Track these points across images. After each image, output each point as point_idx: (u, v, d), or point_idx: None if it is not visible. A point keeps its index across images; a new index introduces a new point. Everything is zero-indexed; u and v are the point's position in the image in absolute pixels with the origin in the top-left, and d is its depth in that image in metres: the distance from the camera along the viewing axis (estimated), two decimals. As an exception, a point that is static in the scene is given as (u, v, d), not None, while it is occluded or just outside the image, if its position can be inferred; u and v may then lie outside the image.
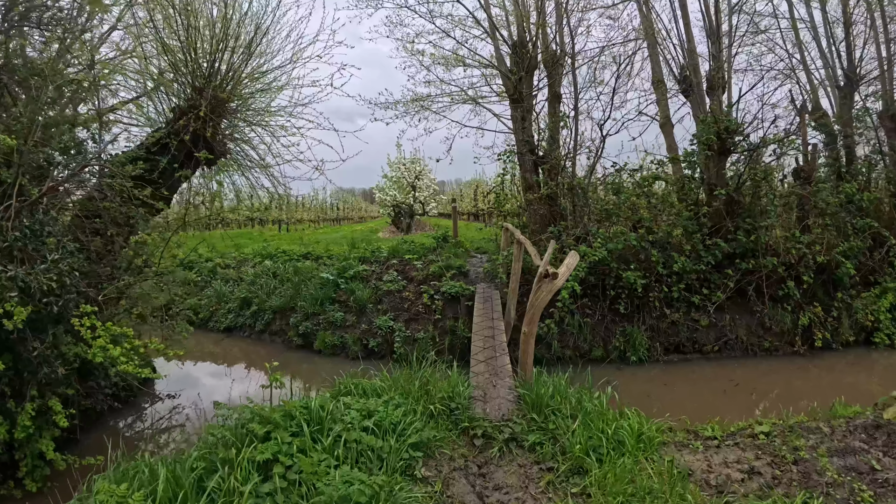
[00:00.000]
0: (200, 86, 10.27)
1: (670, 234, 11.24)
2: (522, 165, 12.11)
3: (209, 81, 10.31)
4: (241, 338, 13.73)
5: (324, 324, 12.14)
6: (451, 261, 12.95)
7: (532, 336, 5.97)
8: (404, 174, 26.34)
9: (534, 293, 5.52)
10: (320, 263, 15.01)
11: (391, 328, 11.35)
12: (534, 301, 5.50)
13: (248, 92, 11.42)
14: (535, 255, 6.14)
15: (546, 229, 11.37)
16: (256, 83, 11.45)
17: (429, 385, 5.70)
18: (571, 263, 5.22)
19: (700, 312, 11.64)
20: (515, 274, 8.59)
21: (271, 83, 11.63)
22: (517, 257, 8.47)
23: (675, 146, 14.37)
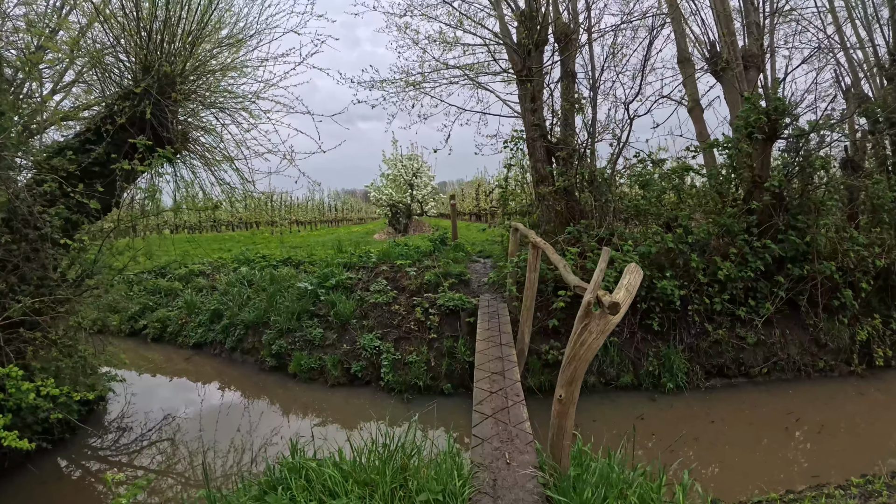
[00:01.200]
0: (145, 61, 8.54)
1: (710, 234, 9.34)
2: (533, 154, 10.24)
3: (156, 55, 8.57)
4: (211, 356, 11.97)
5: (300, 342, 10.32)
6: (450, 267, 11.08)
7: (572, 404, 3.97)
8: (401, 171, 24.45)
9: (576, 335, 3.43)
10: (301, 270, 13.13)
11: (378, 349, 9.49)
12: (576, 349, 3.51)
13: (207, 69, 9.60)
14: (563, 267, 4.28)
15: (563, 229, 9.49)
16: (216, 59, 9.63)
17: (408, 473, 3.71)
18: (633, 283, 3.28)
19: (746, 328, 9.81)
20: (530, 286, 6.68)
21: (235, 60, 9.83)
22: (532, 265, 6.58)
23: (706, 133, 12.52)
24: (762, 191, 10.19)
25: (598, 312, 3.20)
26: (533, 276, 6.57)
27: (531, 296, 6.66)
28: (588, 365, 3.61)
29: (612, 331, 6.87)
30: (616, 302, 2.96)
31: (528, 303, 6.76)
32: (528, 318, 6.82)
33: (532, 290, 6.63)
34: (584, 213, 9.43)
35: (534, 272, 6.55)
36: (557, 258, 4.57)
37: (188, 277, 15.61)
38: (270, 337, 10.72)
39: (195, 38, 8.84)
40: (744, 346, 9.66)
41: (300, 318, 10.81)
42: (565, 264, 4.30)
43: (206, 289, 14.31)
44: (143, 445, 7.85)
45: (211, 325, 12.40)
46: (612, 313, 3.00)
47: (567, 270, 4.09)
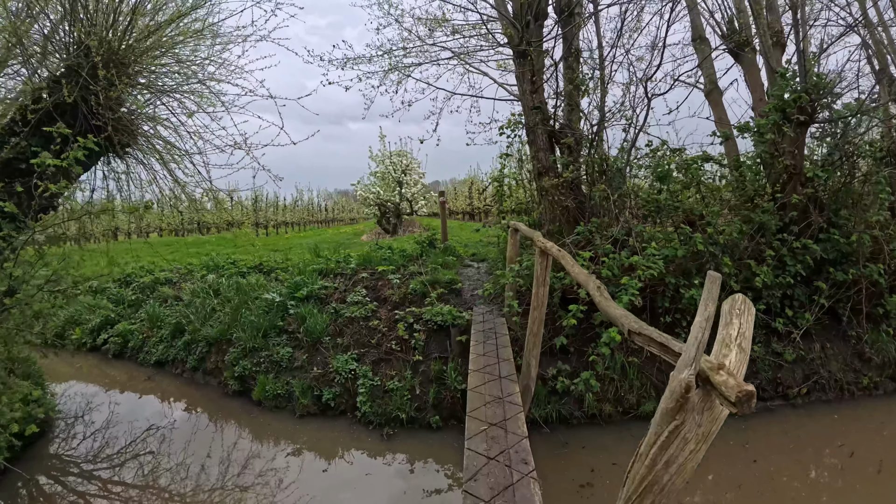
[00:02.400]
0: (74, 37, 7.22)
1: (743, 233, 7.94)
2: (533, 142, 8.79)
3: (83, 27, 7.23)
4: (173, 375, 10.50)
5: (266, 363, 8.87)
6: (439, 274, 9.64)
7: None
8: (389, 168, 22.96)
9: (656, 445, 1.90)
10: (272, 278, 11.65)
11: (353, 373, 8.05)
12: (657, 472, 1.91)
13: (147, 47, 8.17)
14: (598, 292, 2.78)
15: (570, 228, 8.06)
16: (157, 35, 8.18)
17: None
18: (747, 332, 1.89)
19: (783, 342, 8.45)
20: (537, 305, 5.19)
21: (181, 36, 8.40)
22: (540, 278, 5.10)
23: (726, 118, 11.14)
24: (796, 183, 8.80)
25: (701, 398, 1.76)
26: (541, 291, 5.09)
27: (539, 318, 5.17)
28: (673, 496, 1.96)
29: (619, 339, 5.44)
30: (750, 391, 1.52)
31: (534, 327, 5.26)
32: (535, 345, 5.30)
33: (540, 311, 5.15)
34: (595, 210, 7.99)
35: (542, 286, 5.06)
36: (585, 277, 3.08)
37: (152, 286, 14.08)
38: (233, 357, 9.27)
39: (133, 9, 7.43)
40: (781, 364, 8.31)
41: (266, 334, 9.36)
42: (601, 287, 2.85)
43: (171, 299, 12.82)
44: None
45: (173, 340, 10.94)
46: (736, 408, 1.55)
47: (608, 300, 2.63)
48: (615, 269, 6.98)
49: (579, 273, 3.27)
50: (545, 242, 4.76)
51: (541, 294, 5.04)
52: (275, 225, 41.88)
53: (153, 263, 16.93)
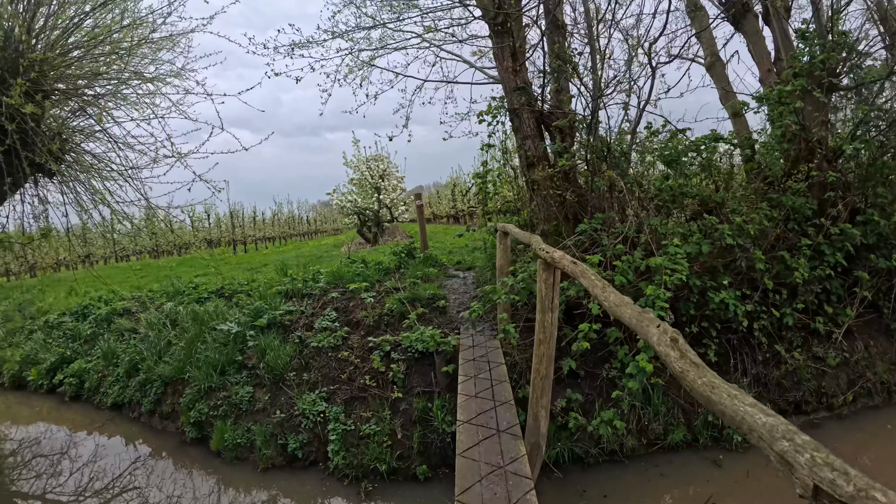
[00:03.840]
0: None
1: (772, 220, 6.70)
2: (519, 129, 7.47)
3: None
4: (130, 420, 9.14)
5: (224, 406, 7.54)
6: (419, 289, 8.32)
7: None
8: (366, 175, 21.55)
9: None
10: (233, 303, 10.27)
11: (322, 415, 6.72)
12: None
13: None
14: (667, 343, 1.57)
15: (569, 227, 6.76)
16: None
17: None
18: None
19: (824, 344, 7.26)
20: (545, 338, 3.70)
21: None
22: (546, 301, 3.63)
23: (732, 92, 9.92)
24: (822, 159, 7.59)
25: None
26: (548, 319, 3.70)
27: (547, 356, 3.76)
28: None
29: (651, 370, 4.16)
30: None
31: (541, 367, 3.81)
32: (544, 392, 3.85)
33: (548, 346, 3.74)
34: (597, 204, 6.70)
35: (550, 312, 3.67)
36: (639, 316, 1.79)
37: (109, 318, 12.66)
38: (189, 399, 7.95)
39: None
40: (824, 370, 7.12)
41: (224, 371, 8.03)
42: (678, 341, 1.57)
43: (128, 332, 11.42)
44: None
45: (128, 380, 9.57)
46: None
47: (700, 370, 1.39)
48: (630, 275, 5.71)
49: (623, 306, 1.97)
50: (551, 252, 3.42)
51: (548, 322, 3.69)
52: (254, 240, 40.34)
53: (112, 293, 15.48)
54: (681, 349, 1.57)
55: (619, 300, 2.12)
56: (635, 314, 1.89)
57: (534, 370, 3.88)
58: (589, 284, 2.48)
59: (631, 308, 1.96)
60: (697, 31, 10.44)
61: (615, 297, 2.16)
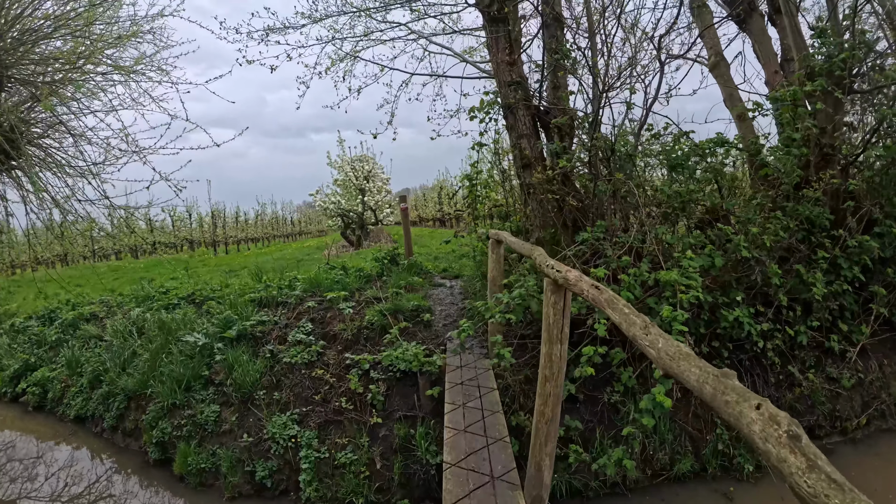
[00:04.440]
0: None
1: (787, 230, 6.14)
2: (513, 127, 6.83)
3: None
4: (93, 435, 8.42)
5: (189, 426, 6.88)
6: (401, 299, 7.69)
7: None
8: (350, 175, 20.84)
9: None
10: (204, 311, 9.57)
11: (294, 440, 6.07)
12: None
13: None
14: (734, 404, 1.02)
15: (570, 235, 6.16)
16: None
17: None
18: None
19: (838, 365, 6.74)
20: (551, 375, 2.94)
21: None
22: (554, 329, 2.95)
23: (736, 94, 9.40)
24: (835, 164, 7.08)
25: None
26: (556, 352, 3.00)
27: (554, 395, 3.03)
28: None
29: (670, 406, 3.58)
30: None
31: (546, 408, 3.05)
32: (549, 438, 3.13)
33: (555, 383, 2.99)
34: (599, 212, 6.10)
35: (558, 343, 3.00)
36: (716, 387, 1.24)
37: (75, 323, 11.89)
38: (152, 416, 7.29)
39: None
40: (838, 392, 6.61)
41: (190, 387, 7.37)
42: (791, 424, 1.01)
43: (94, 339, 10.69)
44: None
45: (92, 391, 8.87)
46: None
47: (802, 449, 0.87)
48: (637, 290, 5.12)
49: (683, 359, 1.38)
50: (564, 271, 2.80)
51: (556, 356, 3.04)
52: (236, 241, 39.47)
53: (81, 296, 14.70)
54: (806, 453, 0.97)
55: (675, 350, 1.52)
56: (710, 380, 1.29)
57: (537, 412, 3.24)
58: (621, 320, 1.88)
59: (698, 366, 1.36)
60: (701, 29, 9.92)
61: (668, 346, 1.56)
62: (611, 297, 2.09)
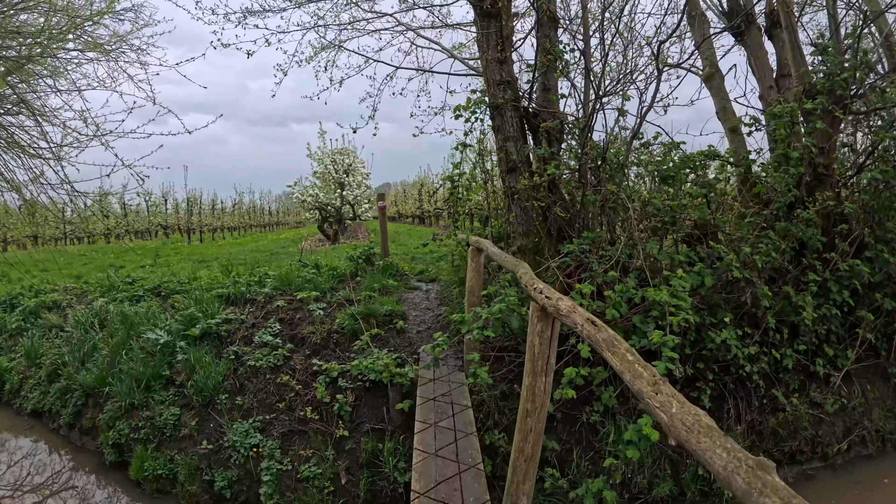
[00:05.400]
0: None
1: (780, 251, 5.93)
2: (500, 128, 6.52)
3: None
4: (49, 431, 7.99)
5: (147, 428, 6.50)
6: (375, 303, 7.36)
7: None
8: (329, 168, 20.39)
9: None
10: (169, 304, 9.15)
11: (256, 450, 5.72)
12: None
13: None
14: None
15: (553, 245, 5.88)
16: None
17: None
18: None
19: (822, 389, 6.59)
20: (534, 409, 2.58)
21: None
22: (540, 360, 2.63)
23: (730, 107, 9.22)
24: (826, 186, 6.91)
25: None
26: (541, 385, 2.62)
27: (535, 431, 2.59)
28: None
29: (657, 438, 3.33)
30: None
31: (527, 445, 2.59)
32: (527, 475, 2.71)
33: (537, 419, 2.60)
34: (584, 222, 5.83)
35: (542, 376, 2.56)
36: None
37: (37, 311, 11.33)
38: (108, 416, 6.90)
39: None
40: (821, 417, 6.45)
41: (150, 386, 6.98)
42: None
43: (56, 329, 10.18)
44: None
45: (50, 385, 8.42)
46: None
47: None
48: (623, 307, 4.85)
49: (709, 435, 1.10)
50: (554, 298, 2.50)
51: (540, 389, 2.69)
52: (211, 230, 38.71)
53: (46, 281, 14.11)
54: None
55: (693, 420, 1.23)
56: (744, 472, 1.00)
57: (515, 449, 2.93)
58: (624, 369, 1.57)
59: (725, 447, 1.07)
60: (697, 38, 9.73)
61: (685, 414, 1.26)
62: (611, 338, 1.80)
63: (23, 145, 6.89)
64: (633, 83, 5.98)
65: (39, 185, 7.10)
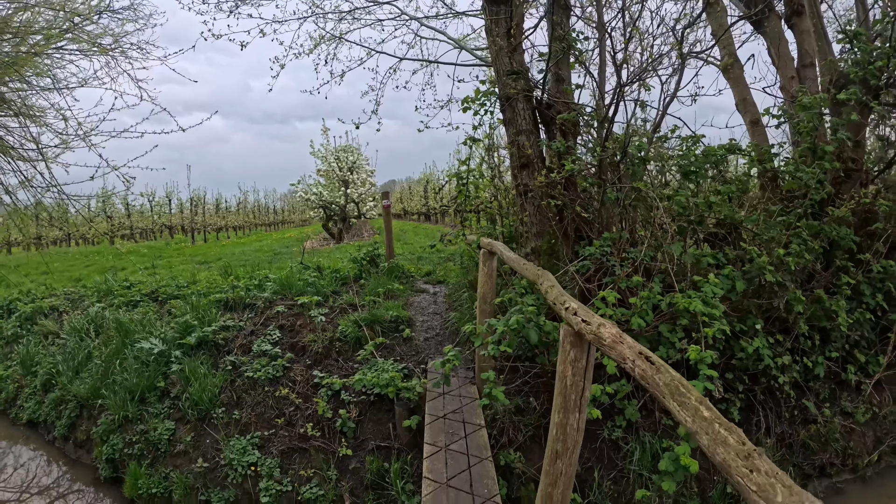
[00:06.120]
0: None
1: (812, 253, 5.52)
2: (511, 121, 6.10)
3: None
4: (45, 442, 7.65)
5: (141, 443, 6.17)
6: (379, 308, 6.99)
7: None
8: (333, 166, 20.03)
9: None
10: (165, 311, 8.80)
11: (254, 469, 5.37)
12: None
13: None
14: None
15: (569, 246, 5.50)
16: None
17: None
18: None
19: (854, 397, 6.20)
20: (564, 450, 2.23)
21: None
22: (569, 396, 2.26)
23: (750, 98, 8.80)
24: (855, 182, 6.50)
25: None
26: (573, 422, 2.15)
27: (566, 476, 2.11)
28: None
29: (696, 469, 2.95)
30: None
31: (556, 490, 2.05)
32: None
33: (569, 461, 2.16)
34: (604, 221, 5.43)
35: (577, 413, 2.13)
36: None
37: (34, 317, 10.99)
38: (103, 428, 6.56)
39: None
40: (852, 427, 6.06)
41: (144, 398, 6.64)
42: None
43: (52, 335, 9.85)
44: None
45: (45, 395, 8.12)
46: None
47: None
48: (649, 316, 4.47)
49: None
50: (596, 325, 2.07)
51: (572, 427, 2.26)
52: (215, 229, 38.45)
53: (44, 285, 13.80)
54: None
55: None
56: None
57: (542, 496, 2.50)
58: (699, 428, 1.19)
59: None
60: (715, 27, 9.32)
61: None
62: (675, 383, 1.41)
63: (7, 147, 6.56)
64: (655, 72, 5.57)
65: (30, 189, 6.79)
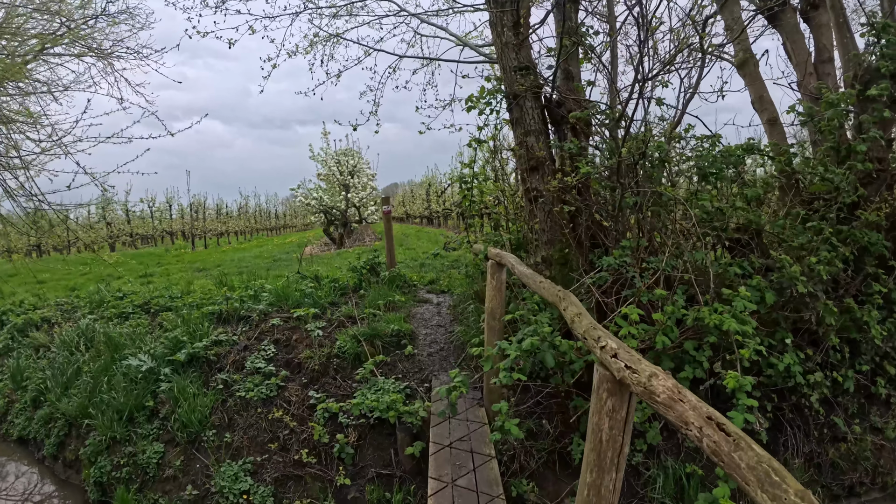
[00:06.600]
0: None
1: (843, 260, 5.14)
2: (519, 121, 5.70)
3: None
4: (35, 461, 7.33)
5: (129, 466, 5.81)
6: (380, 322, 6.61)
7: None
8: (334, 170, 19.67)
9: None
10: (157, 323, 8.44)
11: (246, 497, 4.99)
12: None
13: None
14: None
15: (583, 255, 5.12)
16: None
17: None
18: None
19: (884, 411, 5.84)
20: (596, 497, 1.93)
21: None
22: (605, 453, 1.88)
23: (767, 97, 8.42)
24: (880, 183, 6.11)
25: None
26: (609, 483, 1.77)
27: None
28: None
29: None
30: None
31: None
32: None
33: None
34: (621, 227, 5.04)
35: (614, 472, 1.72)
36: None
37: (25, 329, 10.63)
38: (91, 450, 6.20)
39: None
40: (882, 444, 5.70)
41: (132, 418, 6.28)
42: None
43: (43, 348, 9.51)
44: None
45: (35, 411, 7.78)
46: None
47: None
48: (674, 333, 4.09)
49: None
50: (647, 375, 1.68)
51: (607, 488, 1.68)
52: (216, 235, 38.11)
53: (38, 294, 13.48)
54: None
55: None
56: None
57: None
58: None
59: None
60: (728, 21, 8.95)
61: None
62: (762, 465, 1.03)
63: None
64: (673, 67, 5.19)
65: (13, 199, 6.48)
